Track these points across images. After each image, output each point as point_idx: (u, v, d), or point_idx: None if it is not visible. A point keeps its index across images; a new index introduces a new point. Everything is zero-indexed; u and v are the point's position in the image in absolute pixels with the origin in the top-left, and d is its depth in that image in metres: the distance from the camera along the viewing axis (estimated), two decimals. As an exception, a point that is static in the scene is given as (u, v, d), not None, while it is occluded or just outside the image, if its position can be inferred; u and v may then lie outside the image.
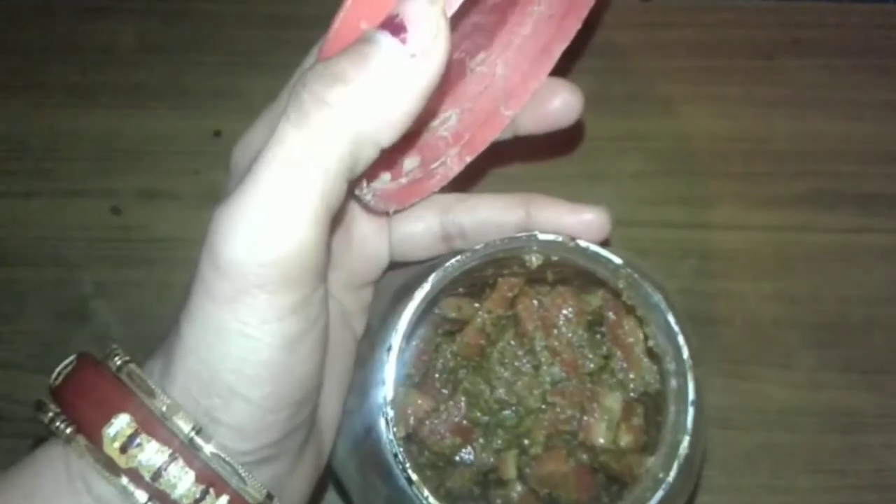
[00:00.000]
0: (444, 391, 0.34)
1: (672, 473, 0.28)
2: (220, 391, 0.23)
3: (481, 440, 0.34)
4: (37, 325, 0.49)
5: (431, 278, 0.31)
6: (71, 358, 0.26)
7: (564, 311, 0.34)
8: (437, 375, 0.34)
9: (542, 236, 0.32)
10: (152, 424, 0.23)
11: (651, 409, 0.34)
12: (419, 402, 0.33)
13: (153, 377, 0.25)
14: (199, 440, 0.23)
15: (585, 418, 0.33)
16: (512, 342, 0.35)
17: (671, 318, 0.31)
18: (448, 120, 0.35)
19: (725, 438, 0.46)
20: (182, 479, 0.23)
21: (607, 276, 0.33)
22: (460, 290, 0.36)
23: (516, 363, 0.35)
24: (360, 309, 0.34)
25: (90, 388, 0.24)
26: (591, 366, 0.34)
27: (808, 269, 0.52)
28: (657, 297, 0.31)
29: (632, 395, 0.33)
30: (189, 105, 0.56)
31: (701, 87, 0.57)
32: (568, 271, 0.35)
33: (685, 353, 0.30)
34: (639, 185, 0.54)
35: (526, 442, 0.34)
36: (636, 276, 0.32)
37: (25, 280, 0.50)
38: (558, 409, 0.34)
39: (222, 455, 0.24)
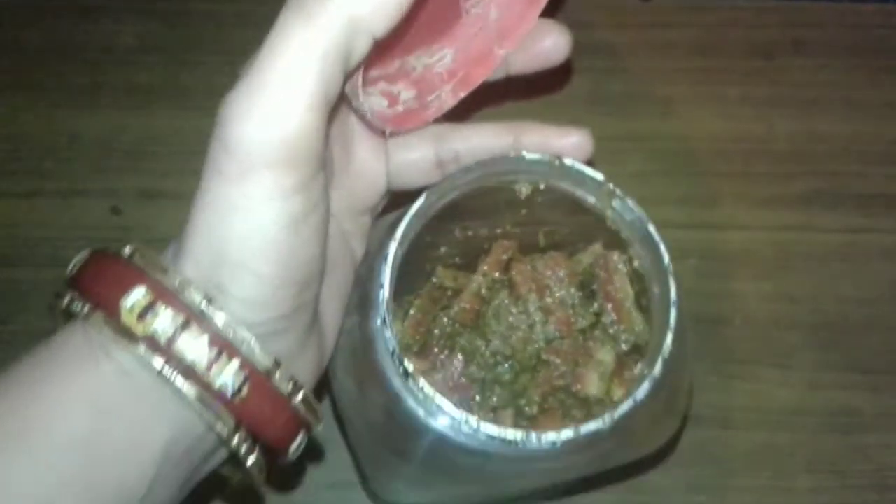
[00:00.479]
0: (442, 357, 0.36)
1: (657, 368, 0.29)
2: (229, 265, 0.25)
3: (478, 398, 0.35)
4: (37, 325, 0.49)
5: (426, 193, 0.32)
6: (83, 253, 0.28)
7: (557, 273, 0.36)
8: (435, 342, 0.36)
9: (528, 155, 0.33)
10: (166, 295, 0.25)
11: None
12: (417, 364, 0.34)
13: (166, 259, 0.27)
14: (211, 309, 0.25)
15: (579, 369, 0.34)
16: (506, 301, 0.36)
17: (651, 228, 0.32)
18: (443, 58, 0.37)
19: (725, 438, 0.46)
20: (195, 344, 0.25)
21: (593, 203, 0.34)
22: (456, 259, 0.37)
23: (511, 319, 0.36)
24: (359, 233, 0.35)
25: (106, 270, 0.26)
26: (584, 322, 0.36)
27: (808, 269, 0.52)
28: (638, 211, 0.33)
29: (623, 347, 0.34)
30: (189, 105, 0.56)
31: (701, 87, 0.57)
32: (559, 233, 0.37)
33: (665, 259, 0.31)
34: (639, 185, 0.53)
35: (522, 402, 0.35)
36: (618, 191, 0.33)
37: (25, 280, 0.50)
38: (553, 367, 0.35)
39: (232, 323, 0.25)
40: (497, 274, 0.37)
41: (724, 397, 0.48)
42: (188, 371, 0.25)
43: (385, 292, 0.29)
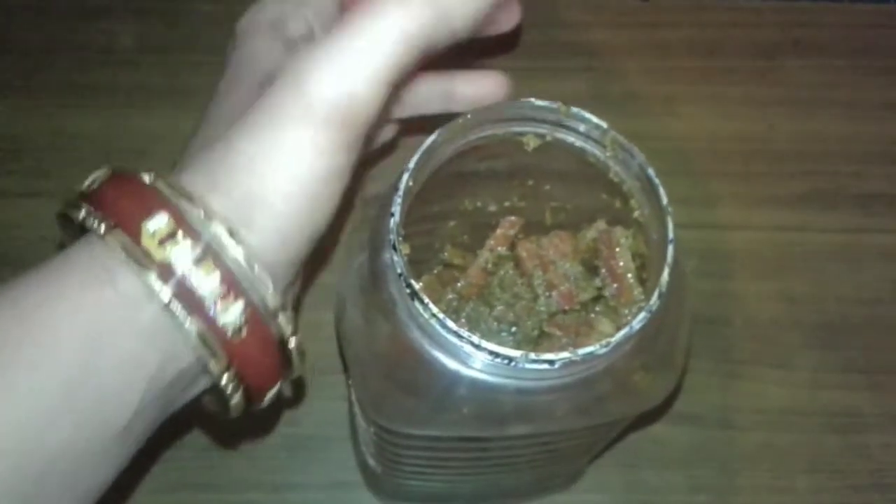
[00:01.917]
0: None
1: (654, 299, 0.30)
2: (260, 203, 0.26)
3: None
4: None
5: (438, 131, 0.32)
6: (103, 169, 0.28)
7: (561, 249, 0.37)
8: None
9: (536, 102, 0.34)
10: (188, 225, 0.25)
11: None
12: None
13: (196, 185, 0.26)
14: (231, 243, 0.25)
15: (580, 339, 0.34)
16: (511, 272, 0.37)
17: (650, 172, 0.33)
18: None
19: (725, 438, 0.46)
20: (208, 280, 0.25)
21: (596, 156, 0.34)
22: (465, 238, 0.38)
23: (515, 289, 0.37)
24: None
25: (131, 191, 0.25)
26: (586, 296, 0.36)
27: (808, 269, 0.52)
28: (639, 157, 0.33)
29: (624, 320, 0.35)
30: (189, 105, 0.56)
31: (701, 87, 0.57)
32: (564, 211, 0.38)
33: (664, 200, 0.32)
34: (639, 185, 0.54)
35: None
36: (620, 138, 0.34)
37: (25, 280, 0.50)
38: (555, 339, 0.35)
39: (251, 259, 0.25)
40: (503, 250, 0.38)
41: (724, 397, 0.48)
42: (195, 306, 0.25)
43: (396, 218, 0.30)
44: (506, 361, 0.28)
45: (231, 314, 0.25)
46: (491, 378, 0.29)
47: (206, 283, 0.24)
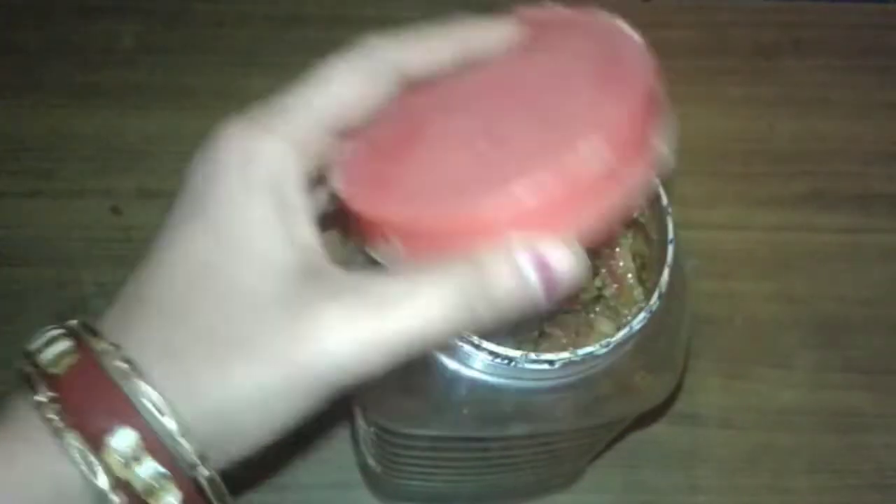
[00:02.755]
0: None
1: (653, 299, 0.30)
2: (232, 426, 0.24)
3: None
4: (37, 325, 0.48)
5: None
6: (68, 345, 0.25)
7: None
8: None
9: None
10: (157, 445, 0.23)
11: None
12: None
13: (169, 384, 0.23)
14: (202, 469, 0.24)
15: (580, 339, 0.34)
16: None
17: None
18: None
19: (725, 438, 0.46)
20: (167, 497, 0.23)
21: None
22: None
23: None
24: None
25: (98, 394, 0.23)
26: (587, 296, 0.36)
27: (808, 269, 0.52)
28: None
29: (624, 320, 0.35)
30: (189, 105, 0.56)
31: (701, 87, 0.57)
32: None
33: (664, 201, 0.32)
34: (639, 185, 0.54)
35: None
36: None
37: (25, 280, 0.50)
38: (554, 339, 0.35)
39: (216, 480, 0.24)
40: None
41: (724, 397, 0.48)
42: None
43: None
44: (505, 361, 0.28)
45: None
46: (491, 378, 0.29)
47: (166, 498, 0.23)
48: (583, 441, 0.38)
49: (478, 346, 0.28)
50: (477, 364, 0.29)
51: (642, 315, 0.29)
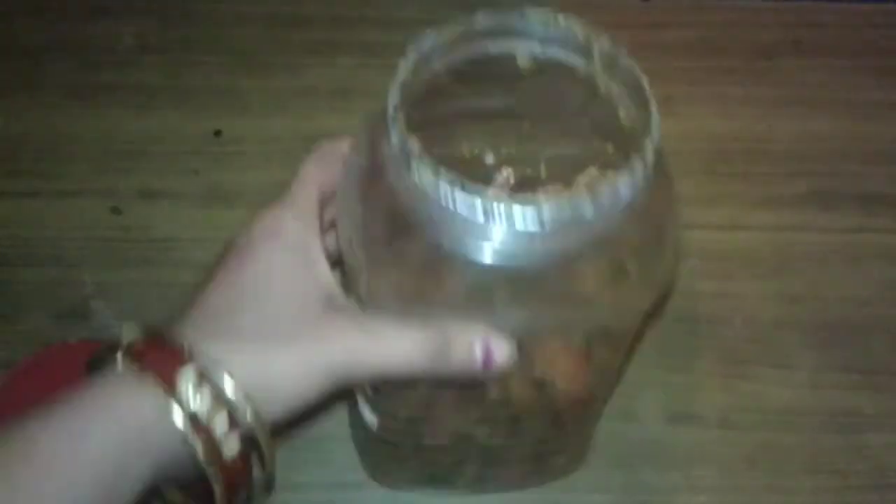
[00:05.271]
0: None
1: (637, 164, 0.30)
2: (267, 401, 0.32)
3: None
4: (37, 325, 0.49)
5: (428, 33, 0.32)
6: (136, 331, 0.32)
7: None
8: None
9: (526, 13, 0.34)
10: (212, 381, 0.31)
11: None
12: None
13: (223, 353, 0.32)
14: (242, 399, 0.31)
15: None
16: None
17: (636, 70, 0.34)
18: None
19: (725, 438, 0.46)
20: (218, 419, 0.31)
21: (585, 70, 0.35)
22: None
23: None
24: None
25: (168, 348, 0.31)
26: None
27: (808, 269, 0.52)
28: (624, 58, 0.34)
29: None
30: (189, 105, 0.56)
31: (701, 87, 0.57)
32: (559, 162, 0.38)
33: (647, 92, 0.33)
34: (639, 185, 0.54)
35: None
36: (606, 43, 0.34)
37: (25, 280, 0.50)
38: None
39: (253, 416, 0.32)
40: None
41: (724, 397, 0.48)
42: (207, 436, 0.31)
43: (395, 97, 0.30)
44: (494, 210, 0.28)
45: (231, 446, 0.31)
46: (486, 249, 0.29)
47: (217, 421, 0.31)
48: (586, 372, 0.37)
49: (464, 189, 0.28)
50: (466, 230, 0.29)
51: (626, 176, 0.29)
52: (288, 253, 0.34)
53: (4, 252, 0.51)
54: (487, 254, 0.29)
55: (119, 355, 0.31)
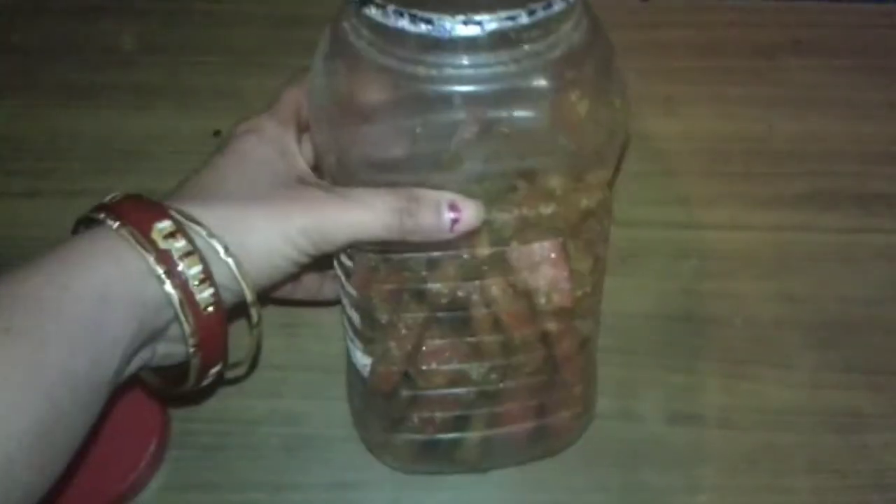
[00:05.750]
0: None
1: None
2: (247, 253, 0.34)
3: None
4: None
5: None
6: (118, 195, 0.35)
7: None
8: None
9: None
10: (185, 231, 0.33)
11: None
12: None
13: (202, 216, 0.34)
14: (220, 250, 0.34)
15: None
16: None
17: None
18: None
19: (725, 438, 0.46)
20: (194, 268, 0.33)
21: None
22: None
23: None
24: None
25: (145, 204, 0.34)
26: None
27: (808, 269, 0.52)
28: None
29: None
30: (189, 105, 0.56)
31: (701, 87, 0.57)
32: None
33: None
34: (639, 185, 0.54)
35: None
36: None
37: (25, 280, 0.50)
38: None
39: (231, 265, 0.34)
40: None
41: (724, 397, 0.48)
42: (182, 283, 0.33)
43: None
44: (434, 23, 0.30)
45: (205, 294, 0.33)
46: (434, 74, 0.31)
47: (192, 270, 0.33)
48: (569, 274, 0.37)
49: (414, 17, 0.31)
50: (420, 59, 0.31)
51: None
52: (266, 145, 0.37)
53: (4, 252, 0.51)
54: (444, 71, 0.31)
55: (101, 213, 0.34)
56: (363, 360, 0.39)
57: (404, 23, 0.31)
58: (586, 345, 0.42)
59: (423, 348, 0.38)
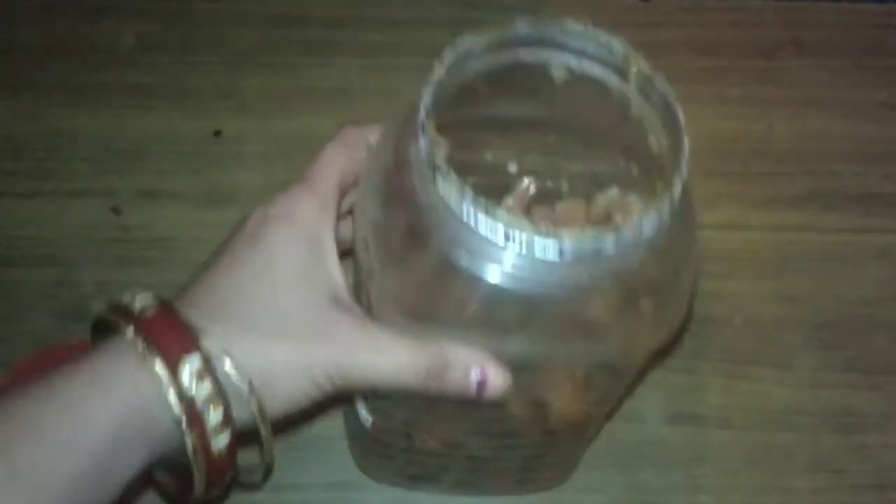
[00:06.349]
0: None
1: (664, 202, 0.29)
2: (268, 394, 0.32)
3: None
4: (37, 325, 0.49)
5: (466, 38, 0.31)
6: (151, 299, 0.32)
7: (575, 214, 0.37)
8: None
9: (566, 24, 0.34)
10: (215, 373, 0.31)
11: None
12: None
13: (232, 339, 0.32)
14: (245, 391, 0.31)
15: None
16: None
17: (669, 96, 0.33)
18: None
19: (725, 438, 0.46)
20: (215, 412, 0.31)
21: (618, 88, 0.34)
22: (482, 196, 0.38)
23: None
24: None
25: (175, 334, 0.31)
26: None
27: (808, 269, 0.52)
28: (660, 83, 0.34)
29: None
30: (189, 105, 0.56)
31: (701, 87, 0.57)
32: (581, 179, 0.38)
33: (681, 122, 0.32)
34: (639, 185, 0.54)
35: None
36: (644, 64, 0.34)
37: (25, 280, 0.50)
38: None
39: (256, 411, 0.32)
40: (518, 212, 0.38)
41: (724, 397, 0.48)
42: (200, 432, 0.31)
43: (427, 100, 0.30)
44: (515, 235, 0.28)
45: (221, 441, 0.31)
46: (502, 272, 0.29)
47: (213, 417, 0.31)
48: (586, 398, 0.37)
49: (493, 215, 0.27)
50: (488, 256, 0.28)
51: (652, 218, 0.29)
52: (300, 243, 0.33)
53: (4, 252, 0.51)
54: (502, 277, 0.29)
55: (130, 327, 0.31)
56: (365, 415, 0.39)
57: (481, 226, 0.28)
58: (591, 433, 0.42)
59: (426, 420, 0.38)
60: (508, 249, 0.28)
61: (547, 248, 0.28)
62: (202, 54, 0.58)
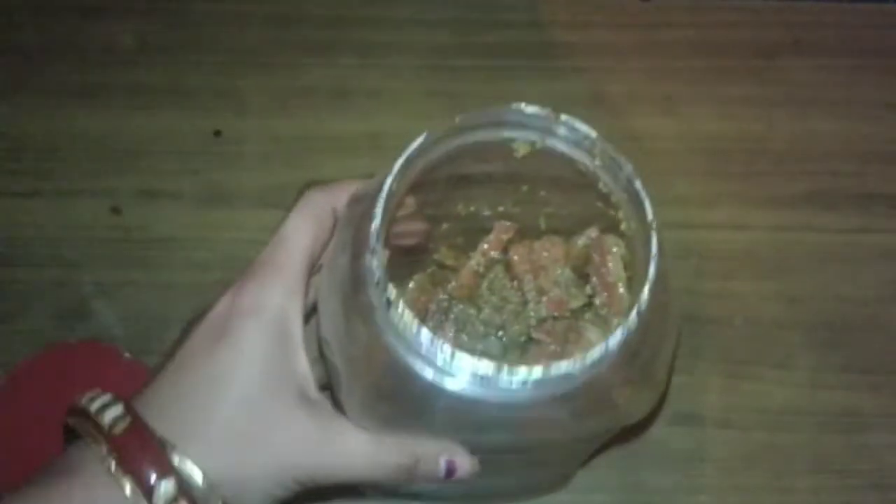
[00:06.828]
0: (432, 323, 0.36)
1: (631, 318, 0.29)
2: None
3: None
4: (37, 325, 0.49)
5: (426, 133, 0.31)
6: (120, 411, 0.31)
7: (553, 255, 0.37)
8: (430, 318, 0.37)
9: (527, 108, 0.33)
10: (190, 495, 0.31)
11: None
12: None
13: (204, 459, 0.31)
14: None
15: (569, 347, 0.34)
16: (501, 275, 0.37)
17: (638, 184, 0.32)
18: None
19: (725, 438, 0.46)
20: None
21: (586, 165, 0.34)
22: (458, 240, 0.38)
23: (504, 293, 0.37)
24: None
25: (148, 454, 0.31)
26: (576, 303, 0.36)
27: (808, 269, 0.52)
28: (626, 168, 0.32)
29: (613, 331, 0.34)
30: (189, 105, 0.56)
31: (701, 87, 0.57)
32: (559, 217, 0.38)
33: (650, 215, 0.31)
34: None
35: None
36: (609, 148, 0.33)
37: (25, 280, 0.50)
38: (542, 346, 0.35)
39: None
40: (496, 254, 0.38)
41: (724, 397, 0.48)
42: None
43: (377, 222, 0.29)
44: (476, 378, 0.28)
45: None
46: (467, 389, 0.29)
47: None
48: (564, 452, 0.37)
49: (451, 358, 0.28)
50: (453, 373, 0.28)
51: (619, 333, 0.28)
52: (268, 339, 0.32)
53: (4, 252, 0.51)
54: (465, 387, 0.29)
55: (102, 447, 0.31)
56: None
57: (440, 361, 0.28)
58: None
59: None
60: (474, 384, 0.28)
61: (513, 382, 0.28)
62: (202, 54, 0.58)
